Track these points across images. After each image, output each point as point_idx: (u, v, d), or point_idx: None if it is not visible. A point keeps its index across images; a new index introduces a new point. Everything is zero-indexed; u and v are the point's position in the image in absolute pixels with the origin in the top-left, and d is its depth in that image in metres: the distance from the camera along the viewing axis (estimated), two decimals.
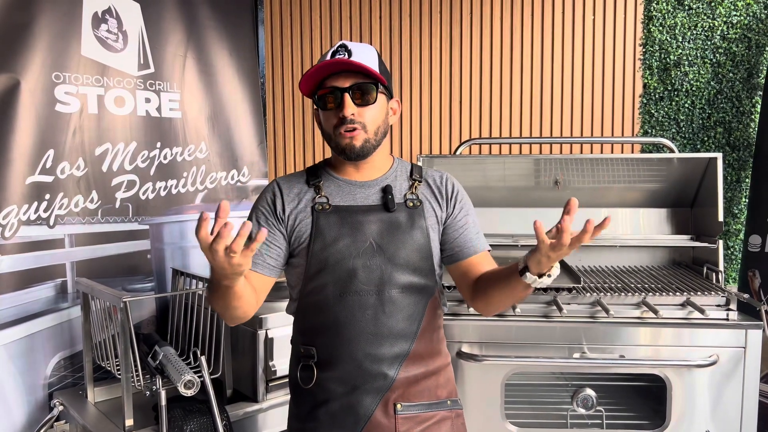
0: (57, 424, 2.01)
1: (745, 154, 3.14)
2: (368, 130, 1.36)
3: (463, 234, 1.44)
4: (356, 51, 1.35)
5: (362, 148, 1.36)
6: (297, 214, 1.39)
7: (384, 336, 1.35)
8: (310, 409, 1.39)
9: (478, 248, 1.45)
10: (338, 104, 1.34)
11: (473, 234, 1.46)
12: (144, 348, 1.90)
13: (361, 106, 1.35)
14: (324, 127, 1.40)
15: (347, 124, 1.33)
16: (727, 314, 2.03)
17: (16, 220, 2.04)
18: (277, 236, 1.39)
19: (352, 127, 1.34)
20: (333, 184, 1.43)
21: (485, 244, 1.48)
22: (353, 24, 3.26)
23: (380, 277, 1.34)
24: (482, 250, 1.46)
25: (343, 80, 1.34)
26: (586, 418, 2.12)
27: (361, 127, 1.35)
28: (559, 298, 2.07)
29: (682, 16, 3.11)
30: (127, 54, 2.33)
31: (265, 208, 1.42)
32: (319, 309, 1.37)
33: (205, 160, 2.58)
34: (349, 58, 1.32)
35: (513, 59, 3.23)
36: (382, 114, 1.40)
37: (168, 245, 2.46)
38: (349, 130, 1.34)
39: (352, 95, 1.33)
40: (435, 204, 1.44)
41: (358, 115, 1.34)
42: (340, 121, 1.34)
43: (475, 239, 1.46)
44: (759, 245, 2.80)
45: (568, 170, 2.50)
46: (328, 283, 1.35)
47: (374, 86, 1.35)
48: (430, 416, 1.39)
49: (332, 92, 1.34)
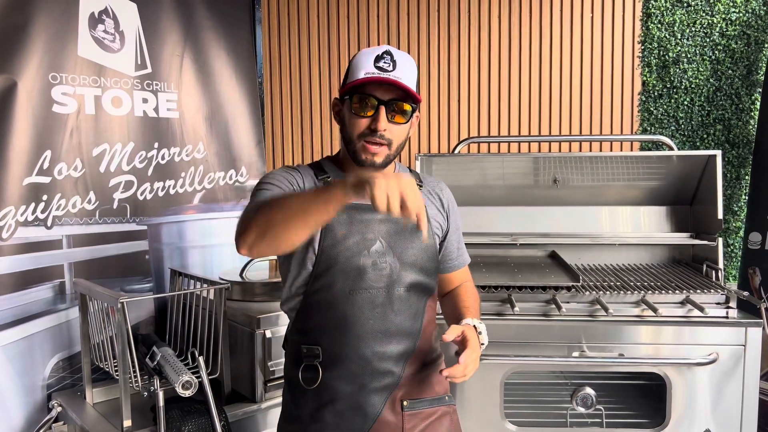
0: (55, 425, 2.01)
1: (744, 152, 3.13)
2: (392, 147, 1.37)
3: (451, 249, 1.55)
4: (400, 64, 1.33)
5: (383, 163, 1.37)
6: None
7: (392, 334, 1.36)
8: (313, 410, 1.38)
9: (459, 265, 1.57)
10: (372, 114, 1.33)
11: (459, 249, 1.57)
12: (142, 349, 1.90)
13: (394, 123, 1.34)
14: (348, 130, 1.37)
15: (376, 137, 1.33)
16: (727, 312, 2.03)
17: (14, 221, 2.04)
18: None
19: (380, 142, 1.33)
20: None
21: (466, 258, 1.60)
22: (351, 23, 3.25)
23: (389, 276, 1.36)
24: (461, 267, 1.58)
25: (383, 92, 1.32)
26: (586, 416, 2.12)
27: (387, 143, 1.35)
28: (558, 297, 2.07)
29: (680, 13, 3.11)
30: (124, 54, 2.32)
31: (284, 176, 1.38)
32: (327, 307, 1.36)
33: (203, 160, 2.57)
34: (393, 70, 1.31)
35: (511, 57, 3.22)
36: (407, 132, 1.41)
37: (166, 246, 2.46)
38: (375, 144, 1.33)
39: (388, 110, 1.33)
40: (436, 212, 1.50)
41: (389, 131, 1.34)
42: (370, 131, 1.33)
43: (458, 255, 1.57)
44: (759, 242, 2.79)
45: (567, 168, 2.50)
46: (336, 281, 1.35)
47: (411, 107, 1.36)
48: (433, 412, 1.42)
49: (369, 100, 1.32)
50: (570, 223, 2.58)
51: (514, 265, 2.46)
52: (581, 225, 2.58)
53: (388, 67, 1.31)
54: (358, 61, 1.35)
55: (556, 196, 2.58)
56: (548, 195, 2.58)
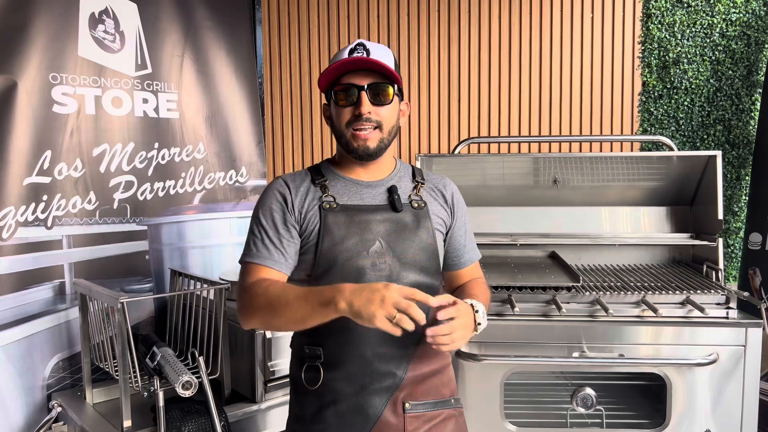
0: (55, 425, 2.00)
1: (744, 152, 3.13)
2: (383, 129, 1.38)
3: (457, 246, 1.52)
4: (374, 50, 1.36)
5: (376, 148, 1.38)
6: (306, 212, 1.39)
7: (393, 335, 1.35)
8: (315, 410, 1.39)
9: (468, 261, 1.54)
10: (354, 101, 1.35)
11: (467, 245, 1.54)
12: (142, 349, 1.90)
13: (378, 105, 1.36)
14: (336, 124, 1.40)
15: (363, 121, 1.34)
16: (727, 312, 2.03)
17: (14, 221, 2.04)
18: (293, 234, 1.39)
19: (368, 125, 1.35)
20: (339, 183, 1.43)
21: (476, 254, 1.56)
22: (351, 23, 3.25)
23: (389, 276, 1.35)
24: (471, 263, 1.55)
25: (360, 78, 1.35)
26: (586, 417, 2.12)
27: (377, 125, 1.36)
28: (558, 297, 2.07)
29: (681, 13, 3.11)
30: (125, 54, 2.32)
31: (276, 207, 1.40)
32: None
33: (203, 161, 2.57)
34: (367, 57, 1.34)
35: (511, 57, 3.22)
36: (396, 114, 1.42)
37: (166, 246, 2.46)
38: (364, 129, 1.35)
39: (369, 93, 1.34)
40: (440, 208, 1.47)
41: (374, 114, 1.35)
42: (355, 117, 1.35)
43: (467, 251, 1.54)
44: (759, 243, 2.79)
45: (567, 169, 2.50)
46: (336, 282, 1.34)
47: (391, 85, 1.37)
48: (437, 414, 1.41)
49: (349, 89, 1.35)
50: (570, 224, 2.59)
51: (514, 266, 2.46)
52: (581, 225, 2.58)
53: (362, 55, 1.35)
54: (334, 60, 1.39)
55: (556, 196, 2.58)
56: (548, 195, 2.58)
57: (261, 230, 1.39)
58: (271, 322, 1.30)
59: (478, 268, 1.58)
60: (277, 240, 1.37)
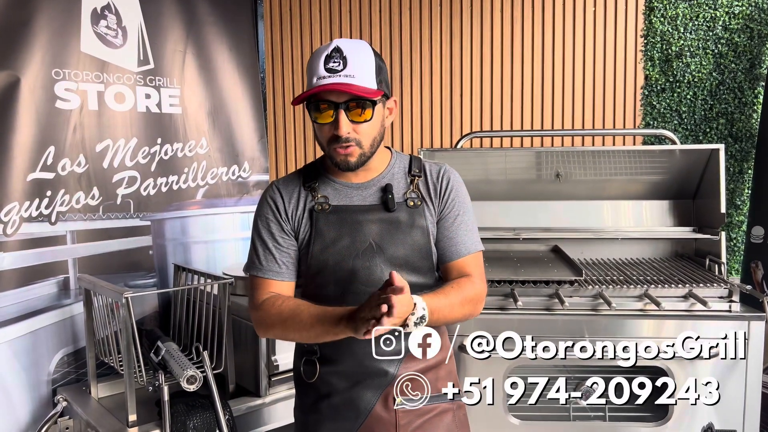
0: (61, 419, 2.02)
1: (747, 145, 3.13)
2: (364, 145, 1.32)
3: (448, 236, 1.41)
4: (351, 59, 1.27)
5: (357, 162, 1.34)
6: (299, 217, 1.40)
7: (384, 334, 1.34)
8: (313, 401, 1.42)
9: (455, 254, 1.41)
10: (332, 120, 1.29)
11: (457, 238, 1.42)
12: (146, 344, 1.90)
13: (357, 123, 1.30)
14: (317, 135, 1.37)
15: (342, 142, 1.30)
16: (730, 306, 2.03)
17: (18, 217, 2.05)
18: (290, 241, 1.40)
19: (347, 145, 1.30)
20: (329, 187, 1.42)
21: (473, 246, 1.43)
22: (353, 18, 3.25)
23: (380, 277, 1.33)
24: (459, 257, 1.41)
25: (338, 95, 1.27)
26: (589, 410, 2.12)
27: (356, 143, 1.31)
28: (561, 291, 2.07)
29: (683, 6, 3.10)
30: (127, 50, 2.32)
31: (271, 216, 1.41)
32: None
33: (206, 156, 2.58)
34: (344, 68, 1.26)
35: (514, 52, 3.21)
36: (378, 125, 1.35)
37: (169, 241, 2.47)
38: (344, 147, 1.31)
39: (347, 111, 1.28)
40: (429, 201, 1.42)
41: (354, 132, 1.30)
42: (335, 138, 1.30)
43: (455, 243, 1.41)
44: (762, 237, 2.79)
45: (570, 163, 2.49)
46: (328, 284, 1.37)
47: (371, 102, 1.29)
48: (431, 409, 1.40)
49: (325, 107, 1.29)
50: (573, 218, 2.58)
51: (516, 260, 2.46)
52: (584, 219, 2.58)
53: (337, 66, 1.26)
54: (310, 67, 1.31)
55: (558, 190, 2.58)
56: (551, 189, 2.58)
57: (260, 242, 1.41)
58: (286, 336, 1.38)
59: (473, 264, 1.44)
60: (276, 251, 1.39)
